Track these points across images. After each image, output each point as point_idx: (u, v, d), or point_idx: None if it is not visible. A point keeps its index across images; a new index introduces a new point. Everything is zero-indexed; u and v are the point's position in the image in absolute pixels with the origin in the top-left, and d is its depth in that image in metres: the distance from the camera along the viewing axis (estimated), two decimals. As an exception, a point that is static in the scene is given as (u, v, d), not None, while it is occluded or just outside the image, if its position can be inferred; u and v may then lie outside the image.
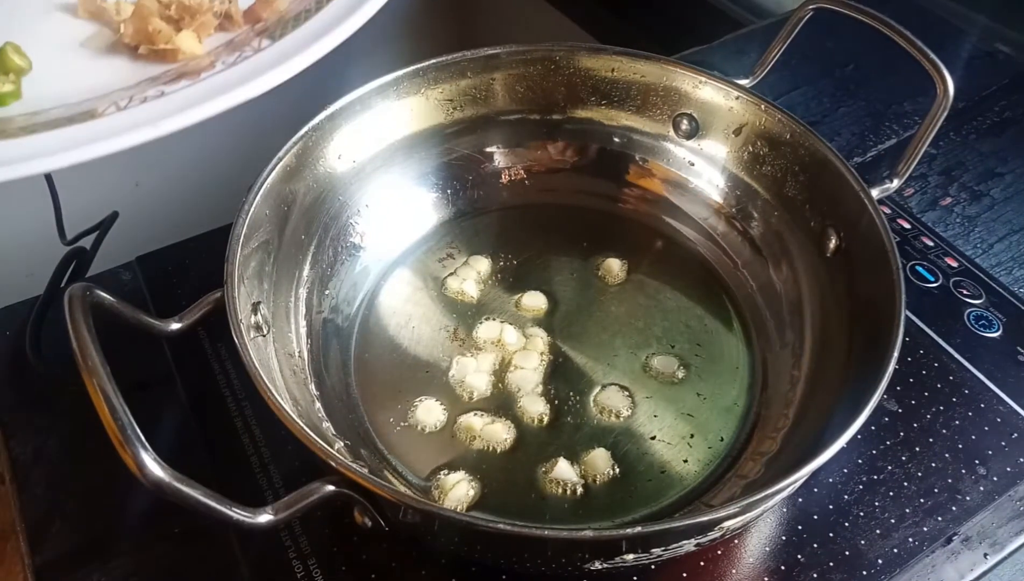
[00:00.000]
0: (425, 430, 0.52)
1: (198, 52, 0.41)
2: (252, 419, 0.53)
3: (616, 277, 0.61)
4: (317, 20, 0.41)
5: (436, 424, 0.52)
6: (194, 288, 0.46)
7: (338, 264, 0.59)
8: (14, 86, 0.40)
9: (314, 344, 0.55)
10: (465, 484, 0.49)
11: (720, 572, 0.47)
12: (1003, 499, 0.50)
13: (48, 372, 0.55)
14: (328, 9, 0.42)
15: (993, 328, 0.60)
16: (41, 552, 0.48)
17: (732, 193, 0.62)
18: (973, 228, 0.68)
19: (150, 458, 0.35)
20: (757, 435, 0.52)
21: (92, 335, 0.38)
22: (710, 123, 0.62)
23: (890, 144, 0.75)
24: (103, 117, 0.37)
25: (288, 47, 0.40)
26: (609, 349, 0.56)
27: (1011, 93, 0.81)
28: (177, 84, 0.39)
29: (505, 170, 0.66)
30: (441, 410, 0.53)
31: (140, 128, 0.36)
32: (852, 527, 0.49)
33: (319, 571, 0.47)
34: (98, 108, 0.38)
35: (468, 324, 0.58)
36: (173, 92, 0.38)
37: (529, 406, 0.53)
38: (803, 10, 0.59)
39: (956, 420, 0.54)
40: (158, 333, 0.45)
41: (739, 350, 0.57)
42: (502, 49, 0.62)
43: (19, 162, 0.35)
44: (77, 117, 0.37)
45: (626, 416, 0.53)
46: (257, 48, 0.40)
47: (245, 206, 0.49)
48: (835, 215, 0.55)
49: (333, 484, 0.39)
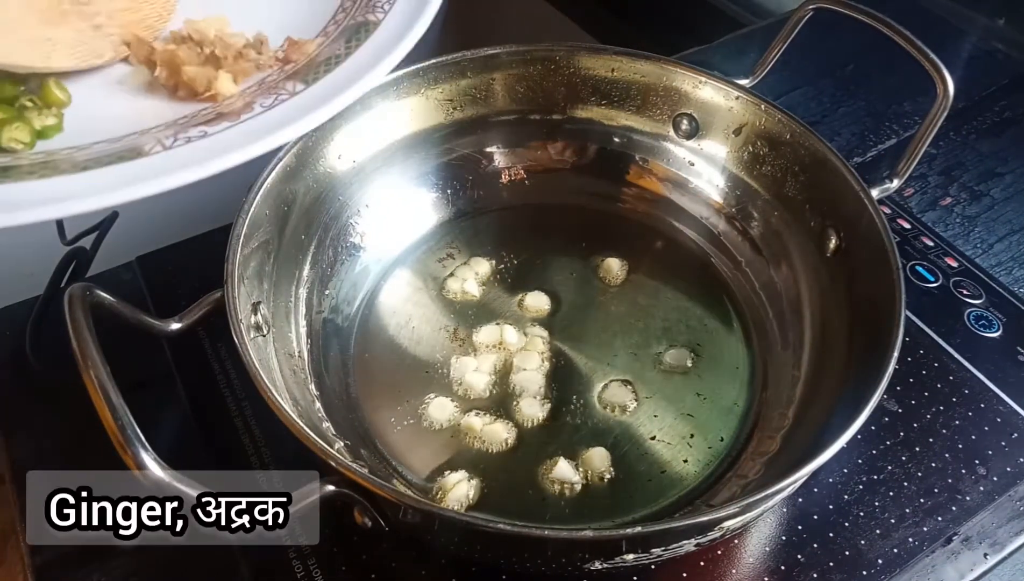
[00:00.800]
0: (436, 427, 0.52)
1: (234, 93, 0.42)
2: (252, 419, 0.53)
3: (616, 277, 0.61)
4: (348, 66, 0.43)
5: (448, 421, 0.52)
6: (194, 288, 0.46)
7: (338, 264, 0.59)
8: (56, 119, 0.41)
9: (314, 344, 0.55)
10: (465, 484, 0.49)
11: (720, 572, 0.47)
12: (1003, 499, 0.50)
13: (48, 372, 0.55)
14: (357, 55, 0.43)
15: (993, 328, 0.60)
16: (41, 552, 0.48)
17: (732, 193, 0.62)
18: (973, 228, 0.68)
19: (150, 458, 0.35)
20: (757, 435, 0.52)
21: (92, 335, 0.38)
22: (710, 123, 0.62)
23: (890, 144, 0.75)
24: (151, 156, 0.38)
25: (322, 92, 0.41)
26: (609, 349, 0.56)
27: (1011, 93, 0.81)
28: (218, 125, 0.40)
29: (505, 170, 0.66)
30: (454, 407, 0.53)
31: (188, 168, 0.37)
32: (852, 527, 0.49)
33: (319, 571, 0.47)
34: (144, 146, 0.39)
35: (468, 324, 0.58)
36: (216, 133, 0.39)
37: (530, 406, 0.53)
38: (803, 10, 0.59)
39: (956, 420, 0.54)
40: (158, 333, 0.45)
41: (739, 350, 0.57)
42: (502, 49, 0.62)
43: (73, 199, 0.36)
44: (125, 154, 0.38)
45: (632, 410, 0.53)
46: (292, 92, 0.42)
47: (245, 206, 0.49)
48: (835, 215, 0.55)
49: (333, 484, 0.39)
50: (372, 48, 0.43)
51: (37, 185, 0.36)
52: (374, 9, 0.45)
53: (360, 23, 0.44)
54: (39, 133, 0.41)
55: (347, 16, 0.46)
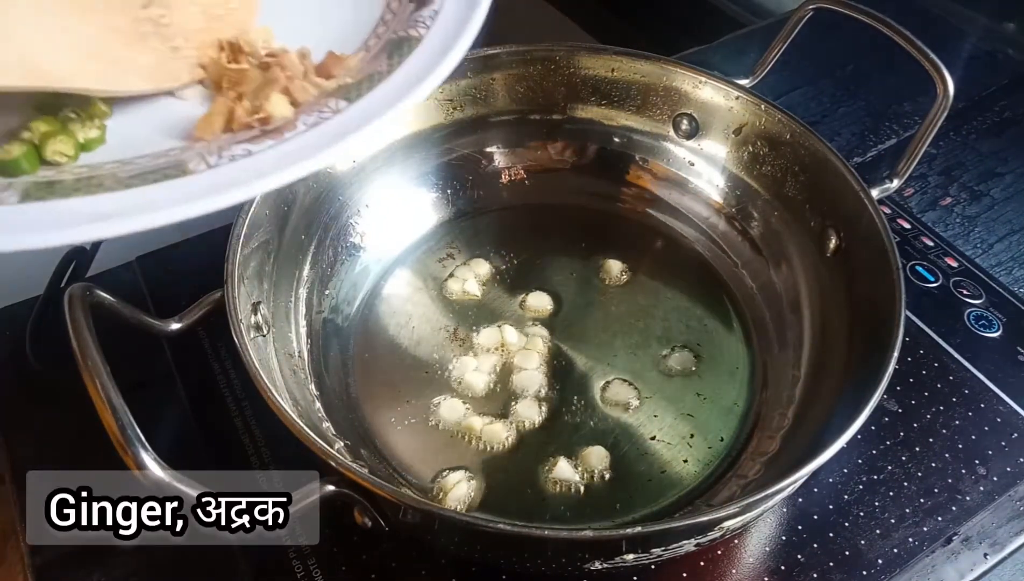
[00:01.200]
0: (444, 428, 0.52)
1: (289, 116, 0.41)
2: (252, 419, 0.53)
3: (616, 277, 0.61)
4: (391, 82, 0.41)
5: (459, 422, 0.52)
6: (194, 288, 0.46)
7: (338, 264, 0.59)
8: (100, 132, 0.40)
9: (314, 344, 0.55)
10: (465, 484, 0.49)
11: (720, 572, 0.47)
12: (1003, 499, 0.50)
13: (48, 372, 0.55)
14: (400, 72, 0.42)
15: (993, 328, 0.60)
16: (41, 552, 0.48)
17: (732, 193, 0.62)
18: (973, 228, 0.68)
19: (150, 458, 0.35)
20: (757, 435, 0.52)
21: (92, 335, 0.38)
22: (710, 123, 0.62)
23: (890, 144, 0.75)
24: (195, 174, 0.37)
25: (367, 109, 0.40)
26: (609, 349, 0.56)
27: (1011, 93, 0.81)
28: (262, 143, 0.39)
29: (505, 170, 0.66)
30: (465, 408, 0.53)
31: (234, 189, 0.36)
32: (852, 527, 0.49)
33: (319, 571, 0.47)
34: (188, 163, 0.38)
35: (468, 324, 0.58)
36: (260, 152, 0.38)
37: (529, 407, 0.53)
38: (803, 10, 0.59)
39: (956, 420, 0.54)
40: (158, 333, 0.45)
41: (739, 350, 0.57)
42: (502, 49, 0.62)
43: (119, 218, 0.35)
44: (170, 171, 0.37)
45: (634, 408, 0.53)
46: (335, 109, 0.40)
47: (245, 206, 0.49)
48: (835, 215, 0.55)
49: (333, 484, 0.39)
50: (416, 65, 0.42)
51: (82, 203, 0.36)
52: (416, 24, 0.44)
53: (402, 38, 0.44)
54: (82, 145, 0.40)
55: (388, 30, 0.45)
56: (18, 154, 0.37)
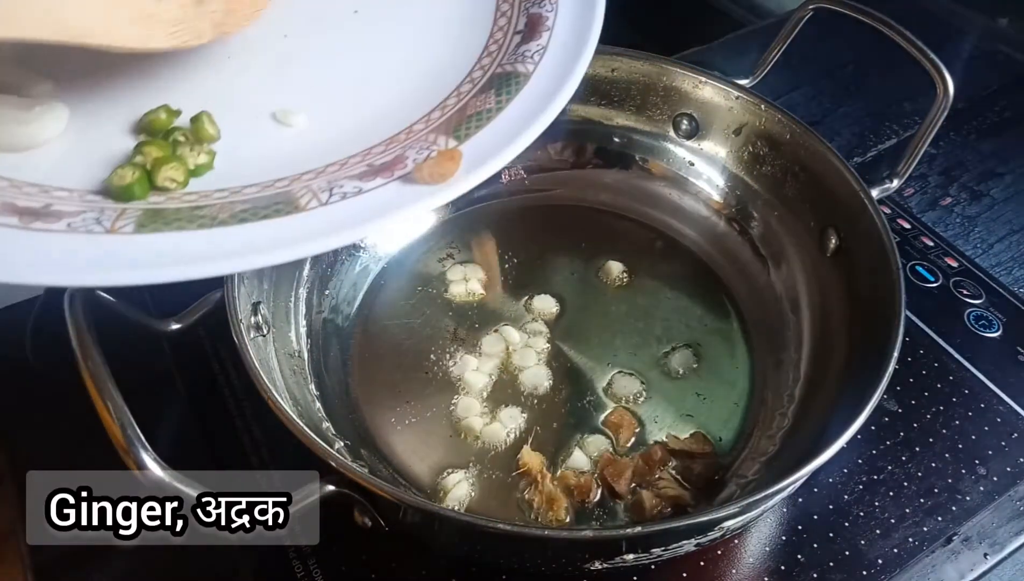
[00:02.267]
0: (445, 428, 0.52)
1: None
2: (252, 419, 0.53)
3: (616, 277, 0.61)
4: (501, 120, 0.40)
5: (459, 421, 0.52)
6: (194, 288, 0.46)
7: (338, 264, 0.59)
8: (208, 157, 0.40)
9: (314, 344, 0.55)
10: (465, 484, 0.49)
11: (720, 572, 0.47)
12: (1003, 499, 0.50)
13: (48, 372, 0.55)
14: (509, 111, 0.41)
15: (993, 328, 0.60)
16: (41, 552, 0.48)
17: (732, 193, 0.62)
18: (973, 228, 0.68)
19: (150, 458, 0.35)
20: (757, 435, 0.52)
21: (92, 335, 0.38)
22: (710, 123, 0.62)
23: (890, 144, 0.75)
24: (307, 211, 0.36)
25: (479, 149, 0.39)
26: (609, 349, 0.56)
27: (1011, 93, 0.81)
28: (372, 181, 0.38)
29: (505, 170, 0.66)
30: (480, 408, 0.53)
31: (347, 229, 0.36)
32: (852, 527, 0.49)
33: (319, 571, 0.47)
34: (298, 197, 0.37)
35: (468, 324, 0.58)
36: (371, 190, 0.37)
37: (530, 407, 0.53)
38: (803, 10, 0.59)
39: (956, 420, 0.54)
40: (158, 333, 0.45)
41: (739, 350, 0.57)
42: (502, 49, 0.62)
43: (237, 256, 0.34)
44: (282, 207, 0.37)
45: (642, 400, 0.53)
46: (444, 147, 0.39)
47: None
48: (835, 215, 0.55)
49: (333, 484, 0.39)
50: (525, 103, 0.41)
51: (199, 237, 0.35)
52: (523, 59, 0.43)
53: (508, 72, 0.42)
54: (192, 172, 0.39)
55: (493, 62, 0.44)
56: (132, 180, 0.37)
